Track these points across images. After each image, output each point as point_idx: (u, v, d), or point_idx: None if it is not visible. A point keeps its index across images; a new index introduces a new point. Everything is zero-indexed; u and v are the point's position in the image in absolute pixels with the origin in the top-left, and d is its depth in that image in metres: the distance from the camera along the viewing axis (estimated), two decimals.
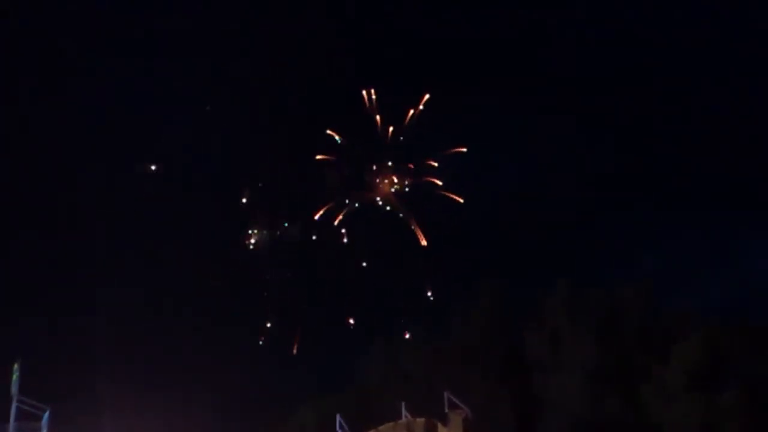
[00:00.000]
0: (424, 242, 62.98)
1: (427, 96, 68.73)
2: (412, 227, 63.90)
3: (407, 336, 53.58)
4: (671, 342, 44.63)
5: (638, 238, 69.80)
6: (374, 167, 69.13)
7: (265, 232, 67.74)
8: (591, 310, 48.41)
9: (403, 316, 56.80)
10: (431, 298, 60.01)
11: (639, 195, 69.75)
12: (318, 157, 68.10)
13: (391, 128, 68.06)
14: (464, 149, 66.22)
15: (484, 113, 67.66)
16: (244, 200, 67.90)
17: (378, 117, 68.17)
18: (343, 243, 66.59)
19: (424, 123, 67.86)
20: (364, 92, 68.14)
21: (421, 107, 67.43)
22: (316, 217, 67.31)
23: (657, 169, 70.03)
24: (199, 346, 60.84)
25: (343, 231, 66.48)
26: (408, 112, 68.60)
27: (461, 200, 63.98)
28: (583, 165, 70.70)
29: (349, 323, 65.03)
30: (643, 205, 69.48)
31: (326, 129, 68.16)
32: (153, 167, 69.12)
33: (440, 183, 66.52)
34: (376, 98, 68.59)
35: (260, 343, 65.65)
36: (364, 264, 65.27)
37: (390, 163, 68.64)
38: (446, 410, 33.17)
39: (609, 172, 70.28)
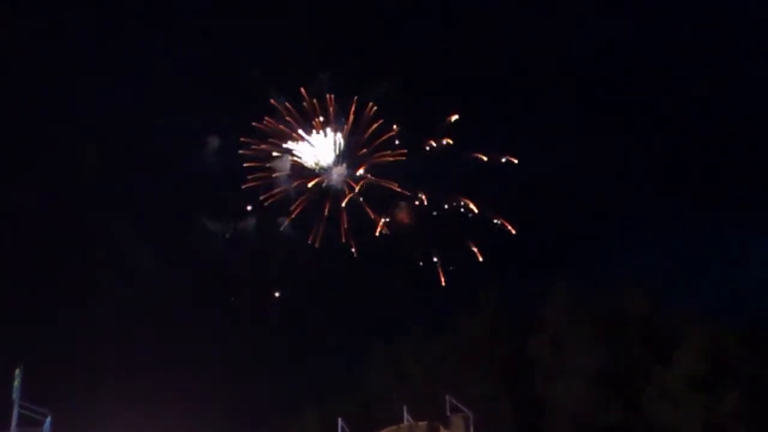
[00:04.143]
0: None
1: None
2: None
3: (409, 339, 53.18)
4: (674, 345, 44.51)
5: (642, 239, 69.53)
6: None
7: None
8: (593, 313, 48.33)
9: (404, 318, 55.97)
10: (433, 300, 58.71)
11: (643, 194, 69.54)
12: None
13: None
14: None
15: (473, 106, 65.25)
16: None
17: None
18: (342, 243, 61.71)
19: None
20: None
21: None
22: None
23: (661, 168, 69.81)
24: (203, 353, 60.84)
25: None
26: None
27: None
28: (584, 165, 70.30)
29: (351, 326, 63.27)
30: (647, 204, 69.26)
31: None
32: None
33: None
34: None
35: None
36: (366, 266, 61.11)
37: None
38: (448, 413, 33.16)
39: (611, 172, 70.00)
